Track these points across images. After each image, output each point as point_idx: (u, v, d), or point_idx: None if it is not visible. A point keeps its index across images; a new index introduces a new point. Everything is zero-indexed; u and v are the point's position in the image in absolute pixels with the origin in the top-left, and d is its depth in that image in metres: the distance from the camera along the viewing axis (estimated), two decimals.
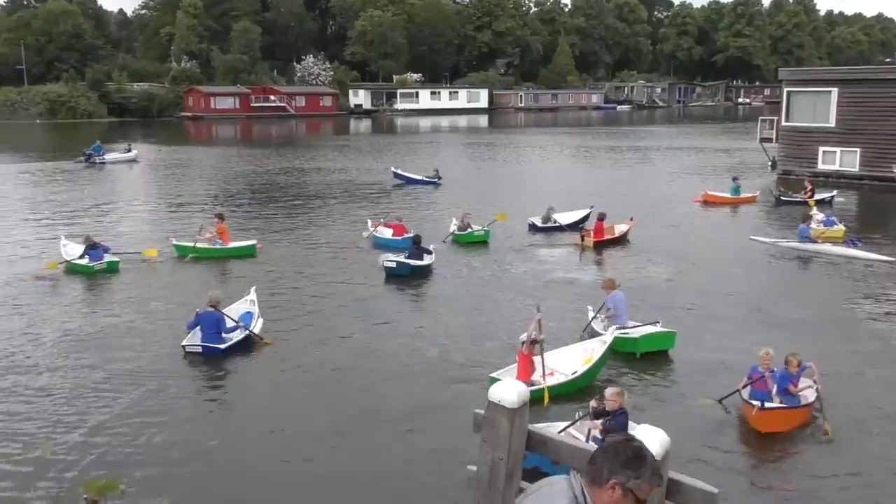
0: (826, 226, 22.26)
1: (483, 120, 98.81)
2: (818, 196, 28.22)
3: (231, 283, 17.22)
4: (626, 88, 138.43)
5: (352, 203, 29.55)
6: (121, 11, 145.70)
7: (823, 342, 13.42)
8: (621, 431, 8.76)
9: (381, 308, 15.81)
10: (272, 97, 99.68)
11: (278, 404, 11.13)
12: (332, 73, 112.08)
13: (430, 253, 18.82)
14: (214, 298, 13.39)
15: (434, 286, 17.72)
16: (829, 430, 10.01)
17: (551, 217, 23.55)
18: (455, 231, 21.91)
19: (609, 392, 9.34)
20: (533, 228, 23.36)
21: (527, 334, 11.49)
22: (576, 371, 11.67)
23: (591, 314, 14.11)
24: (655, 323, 13.44)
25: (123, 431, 10.11)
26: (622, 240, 22.02)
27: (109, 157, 44.14)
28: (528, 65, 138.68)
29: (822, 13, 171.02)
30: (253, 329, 13.55)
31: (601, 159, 47.39)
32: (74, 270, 18.30)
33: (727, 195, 29.13)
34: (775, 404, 10.36)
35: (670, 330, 13.22)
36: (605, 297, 13.90)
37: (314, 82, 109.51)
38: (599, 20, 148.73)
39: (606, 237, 21.55)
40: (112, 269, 18.45)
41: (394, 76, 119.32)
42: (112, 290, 17.19)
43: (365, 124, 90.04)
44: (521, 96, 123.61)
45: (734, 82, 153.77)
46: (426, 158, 44.69)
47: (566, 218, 23.85)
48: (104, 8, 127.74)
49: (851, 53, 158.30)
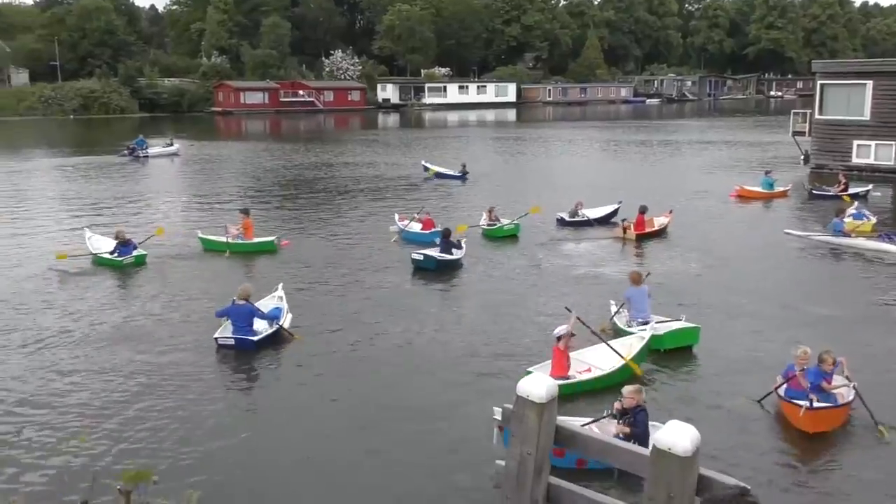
0: (855, 219, 21.97)
1: (511, 114, 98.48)
2: (852, 190, 27.83)
3: (259, 278, 17.32)
4: (656, 82, 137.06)
5: (380, 197, 29.61)
6: (152, 7, 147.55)
7: (856, 339, 13.22)
8: (643, 431, 8.69)
9: (409, 302, 15.84)
10: (301, 92, 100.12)
11: (306, 398, 11.20)
12: (361, 68, 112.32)
13: (460, 247, 18.84)
14: (246, 292, 13.49)
15: (462, 280, 17.72)
16: (885, 431, 9.71)
17: (579, 212, 23.46)
18: (484, 226, 21.91)
19: (627, 389, 9.24)
20: (561, 223, 23.27)
21: (563, 328, 11.47)
22: (613, 367, 11.60)
23: (614, 309, 14.08)
24: (679, 318, 13.32)
25: (155, 423, 10.25)
26: (662, 232, 22.08)
27: (152, 152, 44.92)
28: (557, 58, 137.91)
29: (857, 4, 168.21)
30: (283, 323, 13.63)
31: (631, 154, 47.02)
32: (103, 263, 18.55)
33: (762, 189, 28.77)
34: (823, 403, 10.13)
35: (695, 325, 13.11)
36: (625, 292, 13.88)
37: (342, 77, 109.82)
38: (629, 13, 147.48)
39: (647, 230, 21.66)
40: (140, 263, 18.75)
41: (422, 70, 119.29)
42: (141, 284, 17.39)
43: (393, 119, 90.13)
44: (550, 90, 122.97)
45: (766, 75, 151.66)
46: (454, 153, 44.67)
47: (594, 213, 23.75)
48: (136, 4, 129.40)
49: (887, 45, 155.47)
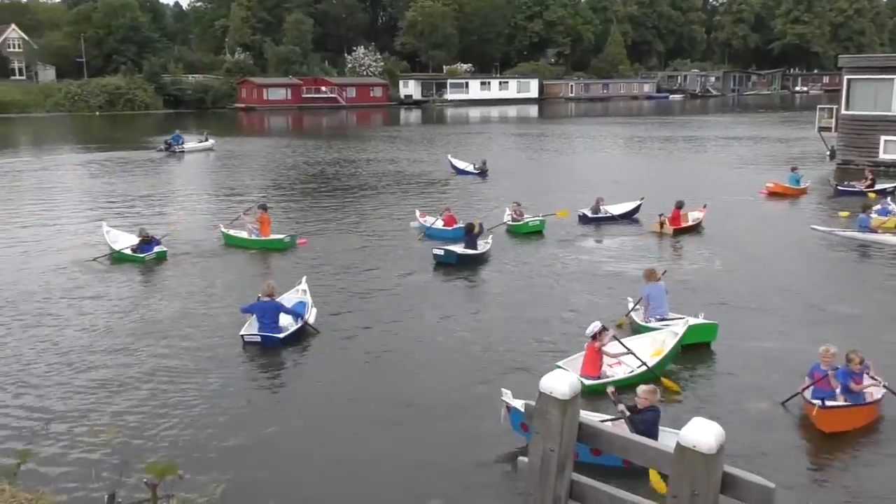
0: (881, 215, 21.76)
1: (533, 110, 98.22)
2: (879, 186, 27.50)
3: (281, 273, 17.39)
4: (679, 77, 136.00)
5: (402, 194, 29.67)
6: (176, 4, 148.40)
7: (882, 337, 13.06)
8: (647, 430, 8.59)
9: (432, 298, 15.88)
10: (323, 88, 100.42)
11: (330, 393, 11.27)
12: (383, 64, 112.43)
13: (483, 236, 19.01)
14: (270, 289, 13.55)
15: (486, 276, 17.74)
16: None
17: (601, 208, 23.39)
18: (508, 222, 21.92)
19: (641, 390, 9.18)
20: (583, 220, 23.20)
21: (596, 326, 11.48)
22: (644, 363, 11.56)
23: (631, 305, 14.04)
24: (697, 315, 13.24)
25: (180, 418, 10.36)
26: (697, 227, 22.13)
27: (187, 147, 45.52)
28: (580, 54, 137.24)
29: None
30: (308, 319, 13.71)
31: (655, 150, 46.71)
32: (124, 259, 18.73)
33: (793, 185, 28.46)
34: (838, 402, 10.05)
35: (712, 322, 13.04)
36: (642, 288, 13.85)
37: (365, 73, 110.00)
38: (652, 8, 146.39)
39: (682, 224, 21.76)
40: (161, 258, 18.94)
41: (444, 66, 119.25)
42: (163, 279, 17.54)
43: (415, 115, 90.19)
44: (572, 86, 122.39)
45: (791, 70, 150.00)
46: (477, 149, 44.61)
47: (617, 209, 23.68)
48: (161, 1, 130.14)
49: None
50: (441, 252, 18.33)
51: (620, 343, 11.48)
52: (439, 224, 21.73)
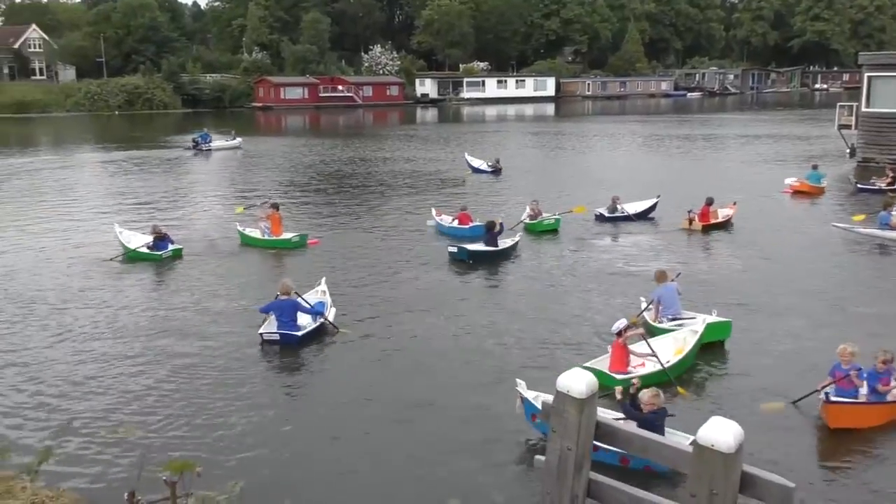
0: None
1: (550, 108, 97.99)
2: None
3: (297, 272, 17.44)
4: (697, 75, 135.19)
5: (418, 192, 29.70)
6: (195, 4, 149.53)
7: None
8: (649, 430, 8.53)
9: (449, 295, 15.86)
10: (340, 87, 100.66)
11: (349, 391, 11.27)
12: (399, 63, 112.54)
13: (512, 240, 19.16)
14: (286, 287, 13.57)
15: (502, 275, 17.73)
16: None
17: (618, 207, 23.30)
18: (527, 220, 21.90)
19: (644, 395, 9.11)
20: (600, 219, 23.12)
21: (622, 323, 11.46)
22: (668, 361, 11.51)
23: (644, 305, 14.00)
24: (711, 313, 13.14)
25: (199, 415, 10.41)
26: (726, 224, 22.16)
27: (214, 145, 46.07)
28: (597, 52, 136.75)
29: None
30: (328, 317, 13.72)
31: (673, 148, 46.43)
32: (141, 258, 18.83)
33: (814, 183, 28.21)
34: (844, 399, 9.96)
35: (726, 320, 12.98)
36: (654, 289, 13.82)
37: (381, 72, 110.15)
38: (670, 5, 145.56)
39: (712, 221, 21.79)
40: (177, 256, 19.05)
41: (460, 65, 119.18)
42: (180, 277, 17.59)
43: (431, 113, 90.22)
44: (589, 84, 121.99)
45: (811, 68, 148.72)
46: (493, 148, 44.57)
47: (633, 207, 23.60)
48: (179, 0, 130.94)
49: None
50: (455, 249, 18.59)
51: (647, 343, 11.47)
52: (455, 223, 21.73)
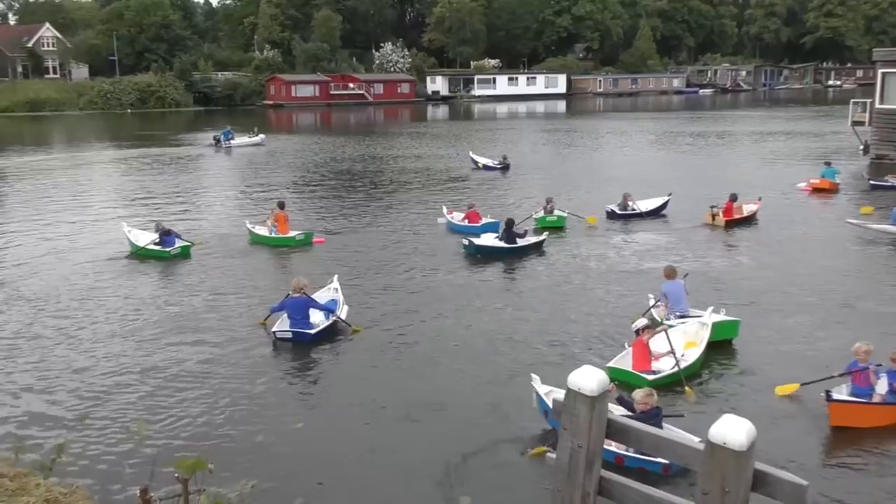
0: None
1: (561, 105, 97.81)
2: None
3: (308, 270, 17.44)
4: (709, 72, 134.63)
5: (429, 190, 29.73)
6: (206, 2, 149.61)
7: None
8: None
9: (459, 293, 15.84)
10: (351, 85, 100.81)
11: (361, 389, 11.29)
12: (410, 60, 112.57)
13: (523, 237, 19.30)
14: (299, 285, 13.57)
15: (514, 271, 17.74)
16: None
17: (629, 204, 23.24)
18: (541, 215, 21.88)
19: (638, 395, 9.07)
20: (612, 216, 23.06)
21: (642, 321, 11.46)
22: (683, 355, 11.52)
23: (651, 302, 13.97)
24: (719, 311, 13.08)
25: (211, 413, 10.46)
26: (751, 220, 22.21)
27: (235, 143, 46.77)
28: (608, 49, 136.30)
29: None
30: (340, 315, 13.73)
31: (686, 146, 46.22)
32: (149, 256, 18.90)
33: (829, 179, 28.05)
34: (845, 397, 9.92)
35: (734, 319, 12.93)
36: (662, 286, 13.79)
37: (392, 69, 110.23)
38: (682, 2, 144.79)
39: (735, 216, 21.84)
40: (185, 254, 19.12)
41: (471, 62, 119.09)
42: (190, 275, 17.61)
43: (442, 111, 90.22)
44: (600, 81, 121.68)
45: (824, 64, 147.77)
46: (504, 145, 44.53)
47: (645, 205, 23.53)
48: None
49: None
50: (466, 242, 18.90)
51: (668, 339, 11.48)
52: (465, 221, 21.76)
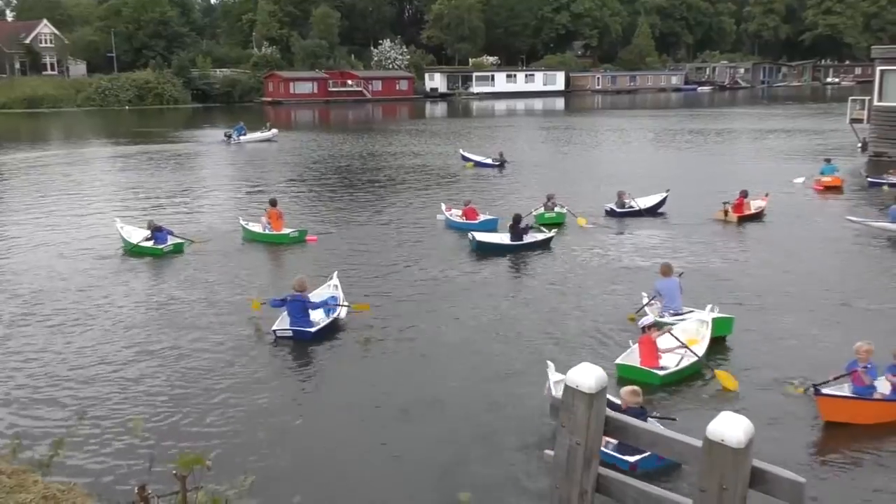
0: None
1: (559, 103, 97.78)
2: None
3: (305, 268, 17.41)
4: (708, 69, 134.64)
5: (427, 187, 29.72)
6: None
7: None
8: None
9: (459, 291, 15.83)
10: (349, 82, 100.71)
11: (360, 386, 11.28)
12: (409, 57, 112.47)
13: (527, 232, 19.40)
14: (300, 283, 13.53)
15: (514, 268, 17.75)
16: None
17: (626, 202, 23.23)
18: (541, 212, 21.89)
19: (624, 391, 9.09)
20: (610, 214, 23.05)
21: (649, 319, 11.50)
22: (685, 351, 11.58)
23: (645, 299, 13.98)
24: (713, 309, 13.08)
25: (210, 409, 10.45)
26: (759, 215, 22.37)
27: (246, 138, 47.51)
28: (607, 46, 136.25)
29: None
30: (339, 314, 13.73)
31: (687, 143, 46.12)
32: (143, 253, 18.88)
33: (829, 175, 28.08)
34: (835, 391, 9.95)
35: (728, 316, 12.93)
36: (656, 283, 13.81)
37: (391, 66, 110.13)
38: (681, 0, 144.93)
39: (746, 212, 22.05)
40: (178, 251, 19.11)
41: (470, 59, 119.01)
42: (185, 273, 17.52)
43: (440, 108, 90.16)
44: (599, 78, 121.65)
45: (822, 61, 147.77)
46: (502, 142, 44.51)
47: (643, 202, 23.53)
48: None
49: None
50: (470, 237, 19.15)
51: (674, 336, 11.56)
52: (463, 218, 21.78)
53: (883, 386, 10.13)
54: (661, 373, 11.00)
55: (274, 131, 49.27)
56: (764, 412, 9.91)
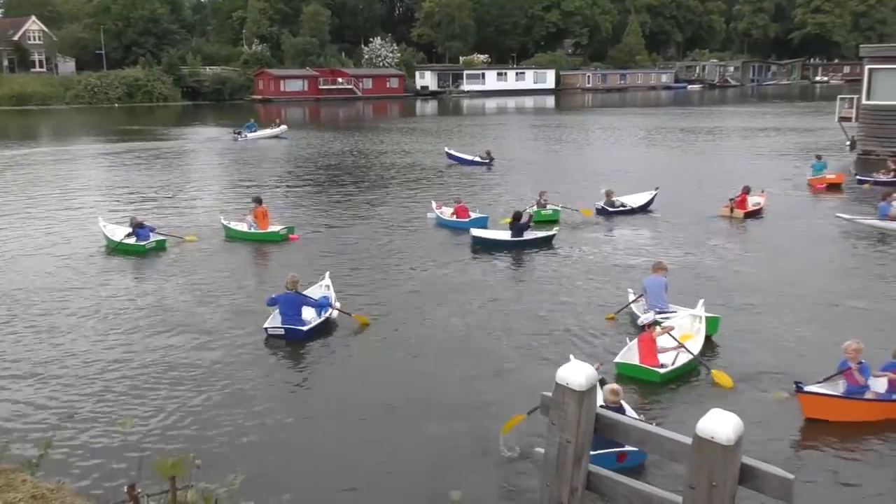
0: None
1: (550, 101, 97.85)
2: None
3: (294, 266, 17.34)
4: (698, 68, 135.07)
5: (417, 185, 29.70)
6: None
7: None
8: None
9: (451, 289, 15.80)
10: (340, 79, 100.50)
11: (352, 385, 11.27)
12: (399, 55, 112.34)
13: (528, 228, 19.49)
14: (292, 281, 13.49)
15: (510, 266, 17.76)
16: None
17: (614, 200, 23.26)
18: (531, 210, 21.89)
19: (605, 389, 9.08)
20: (602, 212, 23.08)
21: (649, 317, 11.53)
22: (681, 348, 11.63)
23: (632, 297, 14.01)
24: (699, 307, 13.10)
25: (201, 408, 10.41)
26: (759, 212, 22.64)
27: (256, 135, 47.83)
28: (597, 44, 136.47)
29: None
30: (331, 313, 13.69)
31: (678, 141, 46.16)
32: (124, 250, 18.79)
33: (820, 173, 28.18)
34: (816, 389, 10.00)
35: (713, 315, 12.97)
36: (644, 280, 13.86)
37: (381, 64, 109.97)
38: None
39: (748, 209, 22.37)
40: (161, 248, 19.06)
41: (460, 57, 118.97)
42: (167, 270, 17.44)
43: (431, 106, 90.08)
44: (589, 76, 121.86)
45: (811, 60, 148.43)
46: (493, 141, 44.51)
47: (633, 200, 23.62)
48: None
49: None
50: (471, 233, 19.41)
51: (672, 336, 11.63)
52: (451, 215, 21.83)
53: (877, 384, 10.17)
54: (662, 370, 11.04)
55: (283, 128, 49.50)
56: (753, 409, 9.96)
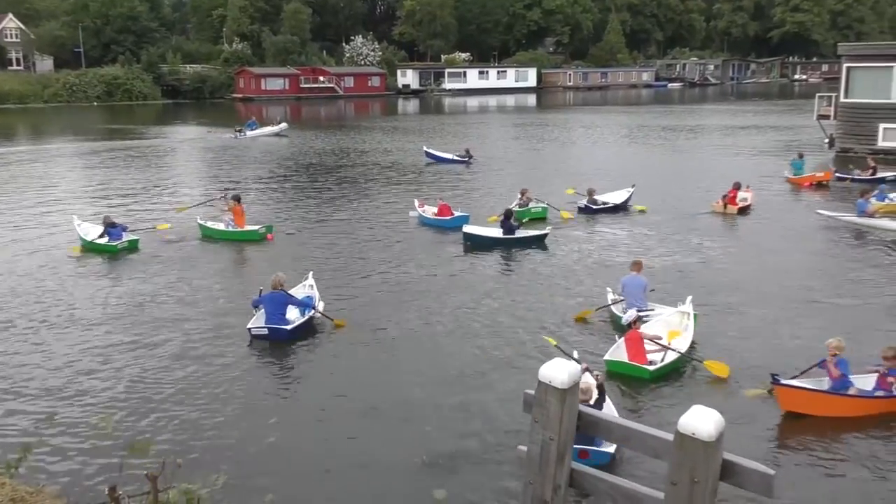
0: (878, 200, 22.11)
1: (531, 99, 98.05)
2: (882, 174, 27.52)
3: (276, 266, 17.25)
4: (678, 66, 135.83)
5: (399, 183, 29.67)
6: None
7: (879, 327, 13.07)
8: None
9: (435, 288, 15.78)
10: (321, 78, 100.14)
11: (336, 385, 11.24)
12: (381, 54, 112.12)
13: (518, 227, 19.55)
14: (278, 280, 13.42)
15: (495, 265, 17.76)
16: None
17: (595, 198, 23.34)
18: (516, 208, 21.90)
19: (584, 383, 9.13)
20: (585, 210, 23.14)
21: (632, 314, 11.59)
22: (670, 344, 11.70)
23: (611, 296, 14.04)
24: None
25: (183, 408, 10.35)
26: (747, 208, 22.89)
27: (256, 133, 47.89)
28: (578, 43, 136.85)
29: None
30: (314, 314, 13.63)
31: (657, 139, 46.43)
32: (96, 250, 18.62)
33: (800, 171, 28.40)
34: (792, 382, 10.11)
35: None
36: (623, 278, 13.90)
37: (362, 63, 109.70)
38: None
39: (738, 205, 22.65)
40: (133, 247, 18.88)
41: (442, 56, 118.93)
42: (146, 271, 17.24)
43: (413, 104, 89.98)
44: (570, 75, 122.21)
45: (790, 58, 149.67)
46: (474, 139, 44.53)
47: (614, 198, 23.75)
48: None
49: None
50: (463, 230, 19.53)
51: (653, 337, 11.73)
52: (433, 213, 21.85)
53: (863, 382, 10.25)
54: (651, 368, 11.09)
55: (284, 125, 49.44)
56: (735, 406, 10.04)
